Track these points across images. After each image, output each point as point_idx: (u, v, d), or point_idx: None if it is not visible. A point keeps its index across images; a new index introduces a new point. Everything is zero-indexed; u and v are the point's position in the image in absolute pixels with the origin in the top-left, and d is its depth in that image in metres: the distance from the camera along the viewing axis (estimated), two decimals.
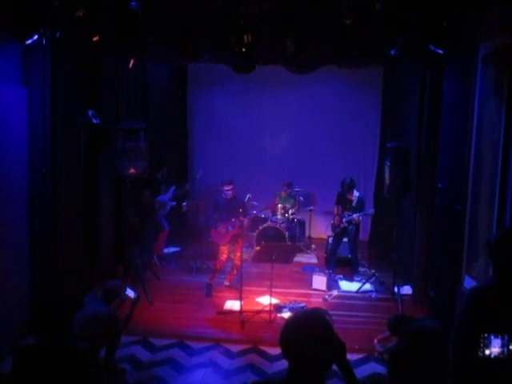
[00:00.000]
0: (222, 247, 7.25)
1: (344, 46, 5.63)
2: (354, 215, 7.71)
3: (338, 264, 8.17)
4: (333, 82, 9.56)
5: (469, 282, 5.25)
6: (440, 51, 5.42)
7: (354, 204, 7.83)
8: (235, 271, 7.35)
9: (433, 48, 5.39)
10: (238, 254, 7.18)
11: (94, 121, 6.21)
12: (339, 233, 8.01)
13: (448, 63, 5.86)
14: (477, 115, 5.24)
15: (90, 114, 6.18)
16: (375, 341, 5.16)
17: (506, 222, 4.40)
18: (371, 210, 8.02)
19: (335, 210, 8.12)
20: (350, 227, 7.88)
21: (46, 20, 5.22)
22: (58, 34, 5.45)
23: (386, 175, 7.05)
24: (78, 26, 5.32)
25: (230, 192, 7.13)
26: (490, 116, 4.91)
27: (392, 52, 5.72)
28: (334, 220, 8.11)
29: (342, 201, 7.98)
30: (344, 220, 7.86)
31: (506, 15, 4.46)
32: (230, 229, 7.17)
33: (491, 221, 4.74)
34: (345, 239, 8.11)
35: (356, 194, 7.87)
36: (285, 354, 2.05)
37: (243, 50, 5.65)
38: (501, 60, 4.67)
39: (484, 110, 5.09)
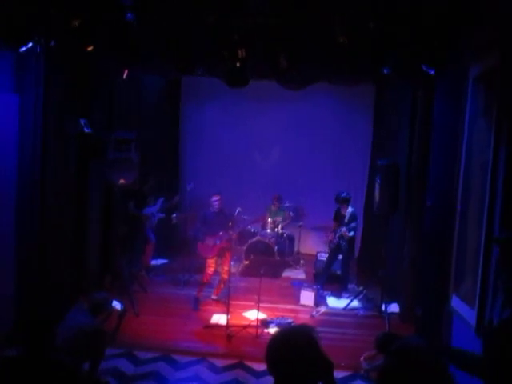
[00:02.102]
0: (209, 260, 7.24)
1: (337, 63, 5.72)
2: (343, 229, 7.75)
3: (328, 280, 8.17)
4: (325, 98, 9.65)
5: (456, 302, 5.27)
6: (432, 71, 5.51)
7: (346, 220, 7.86)
8: (222, 285, 7.33)
9: (425, 68, 5.48)
10: (226, 268, 7.18)
11: (86, 130, 6.24)
12: (334, 249, 8.03)
13: (439, 83, 5.94)
14: (467, 135, 5.29)
15: (81, 123, 6.20)
16: (362, 358, 5.15)
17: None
18: (354, 224, 7.94)
19: (333, 225, 8.15)
20: (343, 243, 7.89)
21: (40, 28, 5.23)
22: (52, 43, 5.45)
23: (376, 192, 7.09)
24: (73, 35, 5.36)
25: (217, 203, 7.16)
26: (480, 136, 4.96)
27: (384, 71, 5.80)
28: (330, 236, 8.14)
29: (337, 216, 8.05)
30: (336, 235, 7.90)
31: (494, 39, 4.54)
32: (218, 242, 7.16)
33: (479, 240, 4.76)
34: (340, 256, 8.11)
35: (349, 209, 7.91)
36: (270, 370, 2.04)
37: (237, 64, 5.72)
38: (491, 82, 4.73)
39: (474, 130, 5.14)
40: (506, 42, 4.24)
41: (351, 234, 7.82)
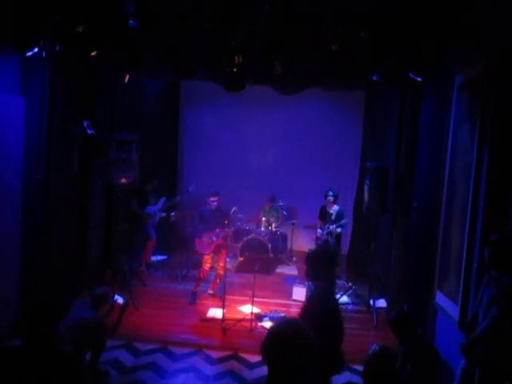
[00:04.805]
0: (205, 257, 7.40)
1: (329, 70, 5.87)
2: (331, 226, 8.01)
3: None
4: (318, 103, 9.83)
5: (440, 298, 5.51)
6: (419, 79, 5.72)
7: (333, 217, 8.14)
8: (218, 280, 7.51)
9: (412, 75, 5.70)
10: (221, 264, 7.35)
11: (89, 131, 6.39)
12: (321, 245, 8.25)
13: (426, 90, 6.16)
14: (451, 139, 5.51)
15: (85, 124, 6.36)
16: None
17: (476, 241, 4.66)
18: (344, 220, 8.26)
19: (318, 223, 8.42)
20: (331, 240, 8.13)
21: (46, 34, 5.40)
22: (57, 48, 5.60)
23: (366, 193, 7.30)
24: (77, 40, 5.52)
25: (215, 203, 7.33)
26: (464, 140, 5.16)
27: (374, 77, 5.99)
28: (316, 233, 8.39)
29: (323, 214, 8.30)
30: (324, 232, 8.14)
31: (478, 49, 4.80)
32: (215, 239, 7.31)
33: (462, 240, 4.97)
34: None
35: (336, 207, 8.20)
36: (265, 360, 2.13)
37: (234, 70, 5.89)
38: (474, 89, 4.96)
39: (458, 135, 5.35)
40: (490, 52, 4.49)
41: (339, 230, 8.09)
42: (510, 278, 3.68)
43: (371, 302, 7.18)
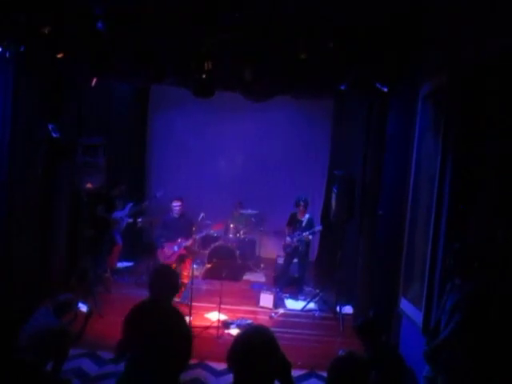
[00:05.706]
0: None
1: (298, 78, 5.95)
2: (304, 233, 8.05)
3: (286, 283, 8.42)
4: (287, 110, 9.93)
5: (405, 304, 5.60)
6: (385, 89, 5.84)
7: (303, 224, 8.17)
8: (183, 288, 7.39)
9: (379, 86, 5.81)
10: (185, 273, 7.27)
11: (54, 135, 6.28)
12: (290, 252, 8.30)
13: (392, 100, 6.28)
14: (416, 149, 5.61)
15: (49, 127, 6.25)
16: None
17: (440, 248, 4.74)
18: (318, 227, 8.32)
19: (286, 230, 8.43)
20: (301, 247, 8.18)
21: (10, 34, 5.30)
22: (22, 49, 5.50)
23: (333, 201, 7.38)
24: (43, 42, 5.44)
25: (178, 208, 7.27)
26: (428, 150, 5.28)
27: (342, 87, 6.10)
28: (285, 240, 8.40)
29: (293, 221, 8.32)
30: (295, 239, 8.16)
31: (442, 61, 4.93)
32: (176, 249, 7.24)
33: (426, 247, 5.08)
34: (295, 260, 8.39)
35: (307, 215, 8.24)
36: (232, 368, 2.17)
37: (203, 76, 5.89)
38: (439, 100, 5.07)
39: (423, 144, 5.45)
40: (453, 63, 4.61)
41: (310, 237, 8.14)
42: (473, 286, 3.77)
43: (338, 308, 7.24)
